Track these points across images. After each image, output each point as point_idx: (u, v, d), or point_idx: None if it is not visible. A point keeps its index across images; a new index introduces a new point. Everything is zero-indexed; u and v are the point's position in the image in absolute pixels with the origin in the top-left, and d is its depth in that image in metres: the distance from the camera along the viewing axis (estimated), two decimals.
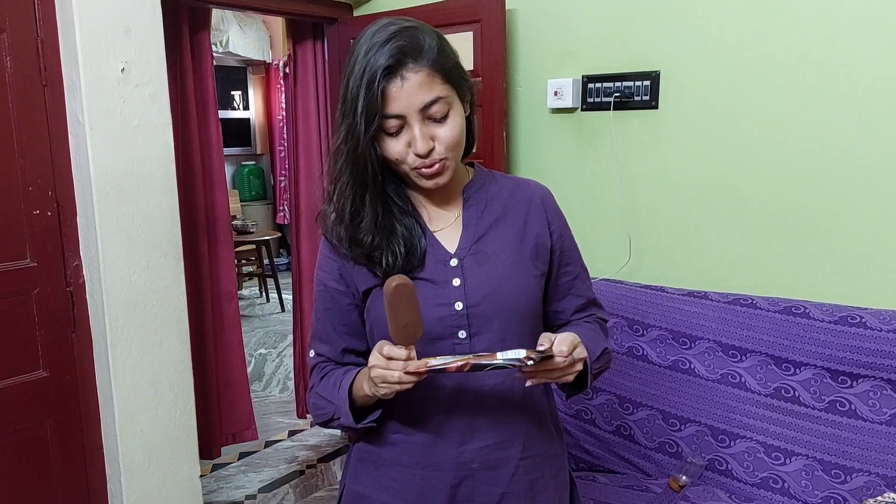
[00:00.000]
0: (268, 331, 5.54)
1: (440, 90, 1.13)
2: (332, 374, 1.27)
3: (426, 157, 1.14)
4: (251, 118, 7.72)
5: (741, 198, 2.31)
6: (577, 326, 1.32)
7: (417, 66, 1.10)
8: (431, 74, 1.11)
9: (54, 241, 2.08)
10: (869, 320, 1.96)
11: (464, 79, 1.18)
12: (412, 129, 1.12)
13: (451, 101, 1.15)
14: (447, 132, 1.14)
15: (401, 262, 1.19)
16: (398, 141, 1.14)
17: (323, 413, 1.26)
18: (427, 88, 1.11)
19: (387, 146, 1.14)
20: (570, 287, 1.33)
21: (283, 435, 3.60)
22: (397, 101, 1.10)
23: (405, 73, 1.10)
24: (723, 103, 2.30)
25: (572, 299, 1.34)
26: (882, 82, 2.04)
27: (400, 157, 1.15)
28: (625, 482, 2.16)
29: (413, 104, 1.11)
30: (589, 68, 2.55)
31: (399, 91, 1.10)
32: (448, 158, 1.16)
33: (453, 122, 1.15)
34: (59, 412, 2.14)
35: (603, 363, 1.29)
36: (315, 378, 1.30)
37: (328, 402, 1.24)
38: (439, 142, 1.14)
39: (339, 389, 1.22)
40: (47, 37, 2.00)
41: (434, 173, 1.16)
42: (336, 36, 3.11)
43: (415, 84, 1.10)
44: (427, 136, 1.13)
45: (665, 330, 2.26)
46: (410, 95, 1.10)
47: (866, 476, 1.90)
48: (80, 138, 2.04)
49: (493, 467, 1.23)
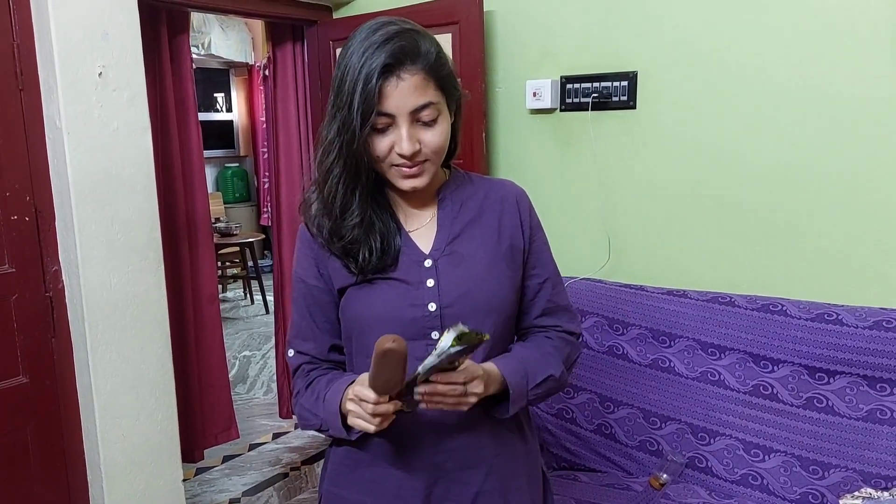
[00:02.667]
0: (252, 333, 5.52)
1: (432, 95, 1.14)
2: (316, 384, 1.27)
3: (410, 159, 1.15)
4: (234, 120, 7.70)
5: (719, 197, 2.33)
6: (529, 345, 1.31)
7: (415, 68, 1.12)
8: (427, 79, 1.13)
9: (32, 246, 2.07)
10: (845, 317, 1.99)
11: (455, 88, 1.20)
12: (399, 129, 1.13)
13: (440, 108, 1.16)
14: (433, 137, 1.16)
15: (376, 259, 1.20)
16: (384, 139, 1.14)
17: (310, 424, 1.27)
18: (421, 92, 1.12)
19: (371, 142, 1.15)
20: (538, 290, 1.32)
21: (268, 437, 3.59)
22: (391, 99, 1.11)
23: (402, 73, 1.11)
24: (700, 103, 2.32)
25: (537, 303, 1.32)
26: (856, 82, 2.06)
27: (382, 155, 1.16)
28: (606, 481, 2.17)
29: (405, 105, 1.12)
30: (567, 69, 2.57)
31: (394, 90, 1.11)
32: (429, 161, 1.17)
33: (440, 128, 1.16)
34: (40, 418, 2.13)
35: (545, 389, 1.26)
36: (300, 384, 1.30)
37: (314, 416, 1.25)
38: (424, 145, 1.15)
39: (324, 403, 1.22)
40: (23, 41, 1.98)
41: (413, 174, 1.17)
42: (316, 38, 3.11)
43: (410, 85, 1.11)
44: (413, 139, 1.14)
45: (645, 329, 2.28)
46: (404, 96, 1.11)
47: (843, 472, 1.92)
48: (58, 143, 2.03)
49: (466, 467, 1.24)
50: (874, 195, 2.08)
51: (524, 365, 1.23)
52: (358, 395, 1.09)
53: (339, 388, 1.20)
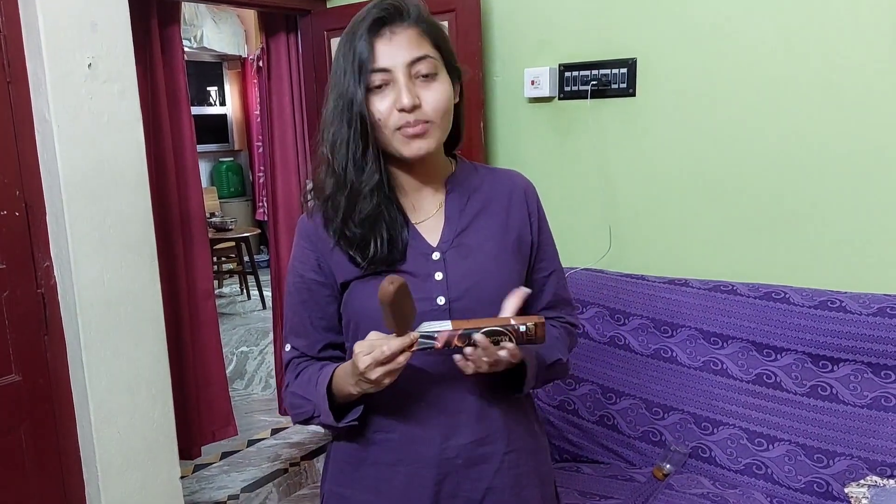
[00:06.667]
0: (249, 328, 5.49)
1: (428, 50, 1.14)
2: (307, 370, 1.24)
3: (411, 112, 1.12)
4: (228, 114, 7.65)
5: (720, 184, 2.30)
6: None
7: (407, 24, 1.12)
8: (421, 35, 1.13)
9: (23, 242, 2.03)
10: (848, 304, 1.97)
11: (453, 56, 1.19)
12: (398, 83, 1.12)
13: (438, 66, 1.15)
14: (434, 94, 1.14)
15: (384, 252, 1.17)
16: (383, 99, 1.13)
17: (301, 412, 1.23)
18: (416, 45, 1.12)
19: (372, 105, 1.13)
20: (544, 283, 1.32)
21: (266, 433, 3.57)
22: (384, 55, 1.11)
23: (394, 28, 1.11)
24: (700, 90, 2.29)
25: (544, 296, 1.32)
26: (859, 69, 2.04)
27: (383, 117, 1.13)
28: (609, 472, 2.16)
29: (400, 57, 1.11)
30: (566, 56, 2.54)
31: (388, 45, 1.11)
32: (433, 122, 1.14)
33: (440, 86, 1.15)
34: (33, 416, 2.10)
35: (553, 373, 1.28)
36: (290, 375, 1.27)
37: (305, 401, 1.21)
38: (425, 102, 1.13)
39: (316, 387, 1.19)
40: (10, 32, 1.95)
41: (417, 133, 1.13)
42: (310, 28, 3.07)
43: (403, 39, 1.12)
44: (413, 93, 1.12)
45: (646, 318, 2.26)
46: (398, 49, 1.11)
47: (849, 460, 1.90)
48: (48, 136, 1.99)
49: (477, 463, 1.22)
50: (877, 181, 2.06)
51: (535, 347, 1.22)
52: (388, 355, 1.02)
53: (328, 371, 1.18)
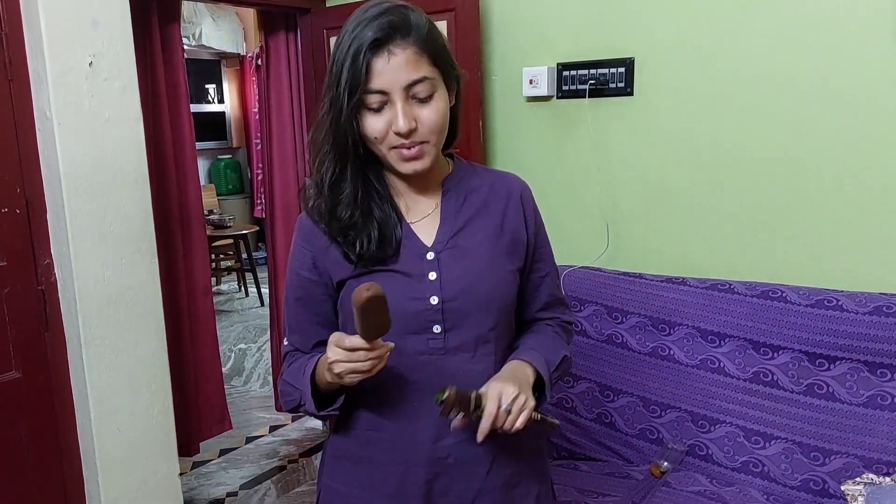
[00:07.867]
0: (247, 325, 5.49)
1: (427, 70, 1.11)
2: (299, 359, 1.26)
3: (406, 136, 1.12)
4: (226, 111, 7.65)
5: (717, 183, 2.31)
6: (538, 333, 1.33)
7: (406, 43, 1.09)
8: (419, 53, 1.10)
9: (24, 238, 2.04)
10: (845, 303, 1.98)
11: (451, 66, 1.17)
12: (394, 106, 1.10)
13: (436, 85, 1.13)
14: (430, 114, 1.12)
15: (374, 248, 1.17)
16: (379, 118, 1.12)
17: (290, 399, 1.25)
18: (413, 66, 1.10)
19: (367, 123, 1.12)
20: (539, 284, 1.33)
21: (264, 430, 3.57)
22: (382, 76, 1.09)
23: (393, 48, 1.08)
24: (698, 89, 2.30)
25: (539, 297, 1.34)
26: (858, 68, 2.04)
27: (379, 136, 1.13)
28: (606, 469, 2.17)
29: (398, 81, 1.09)
30: (564, 56, 2.54)
31: (385, 66, 1.08)
32: (428, 143, 1.14)
33: (437, 105, 1.13)
34: (33, 413, 2.10)
35: (561, 371, 1.30)
36: (284, 366, 1.29)
37: (294, 389, 1.23)
38: (421, 123, 1.12)
39: (303, 376, 1.20)
40: (11, 29, 1.95)
41: (413, 156, 1.14)
42: (309, 26, 3.07)
43: (401, 60, 1.09)
44: (409, 116, 1.11)
45: (644, 317, 2.27)
46: (396, 71, 1.09)
47: (845, 458, 1.91)
48: (48, 133, 2.00)
49: (467, 462, 1.22)
50: (873, 180, 2.06)
51: (541, 352, 1.24)
52: (347, 346, 1.04)
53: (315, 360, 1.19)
